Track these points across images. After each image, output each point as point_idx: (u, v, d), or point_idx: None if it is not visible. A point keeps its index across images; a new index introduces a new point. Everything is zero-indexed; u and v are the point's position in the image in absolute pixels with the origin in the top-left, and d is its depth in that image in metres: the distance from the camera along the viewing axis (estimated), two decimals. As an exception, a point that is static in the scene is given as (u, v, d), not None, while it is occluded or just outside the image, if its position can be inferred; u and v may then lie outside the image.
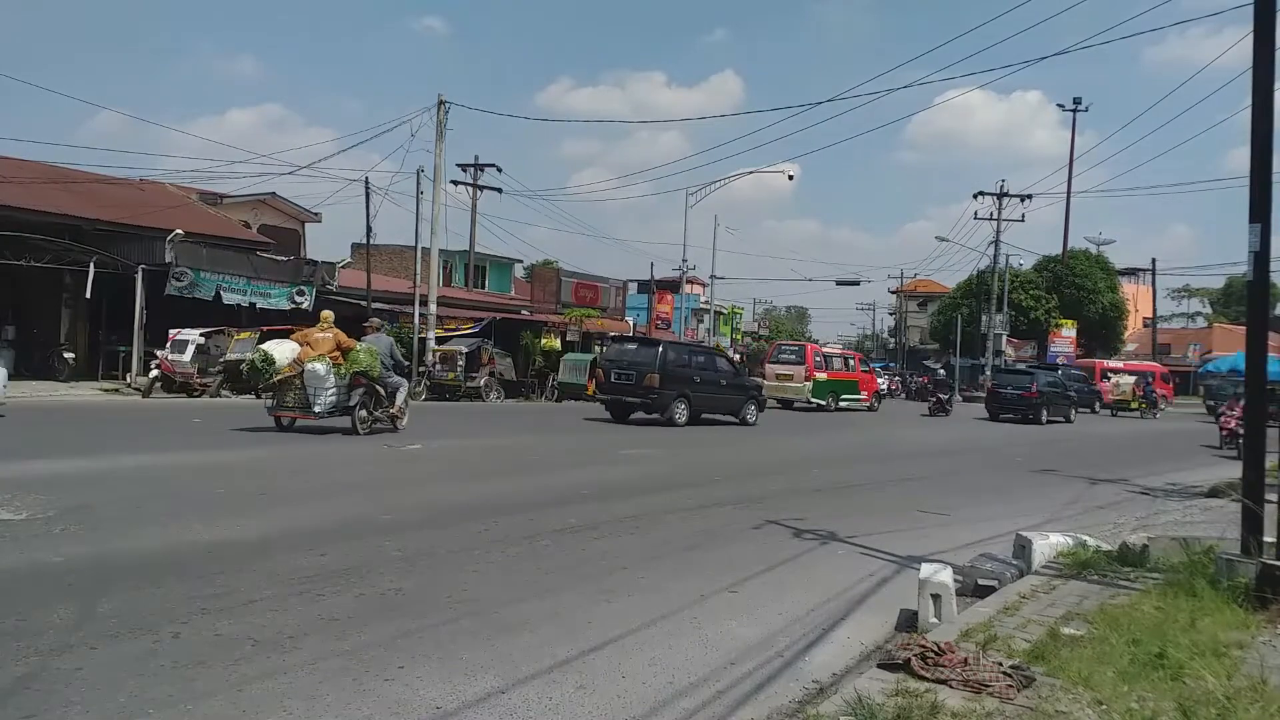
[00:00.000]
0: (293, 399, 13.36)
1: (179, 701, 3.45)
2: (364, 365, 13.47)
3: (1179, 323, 78.71)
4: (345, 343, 13.54)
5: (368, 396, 13.66)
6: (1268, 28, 5.46)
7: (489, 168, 37.92)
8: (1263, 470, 5.45)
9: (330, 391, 13.29)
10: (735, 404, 20.72)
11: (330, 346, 13.36)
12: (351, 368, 13.46)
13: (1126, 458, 16.60)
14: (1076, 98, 46.77)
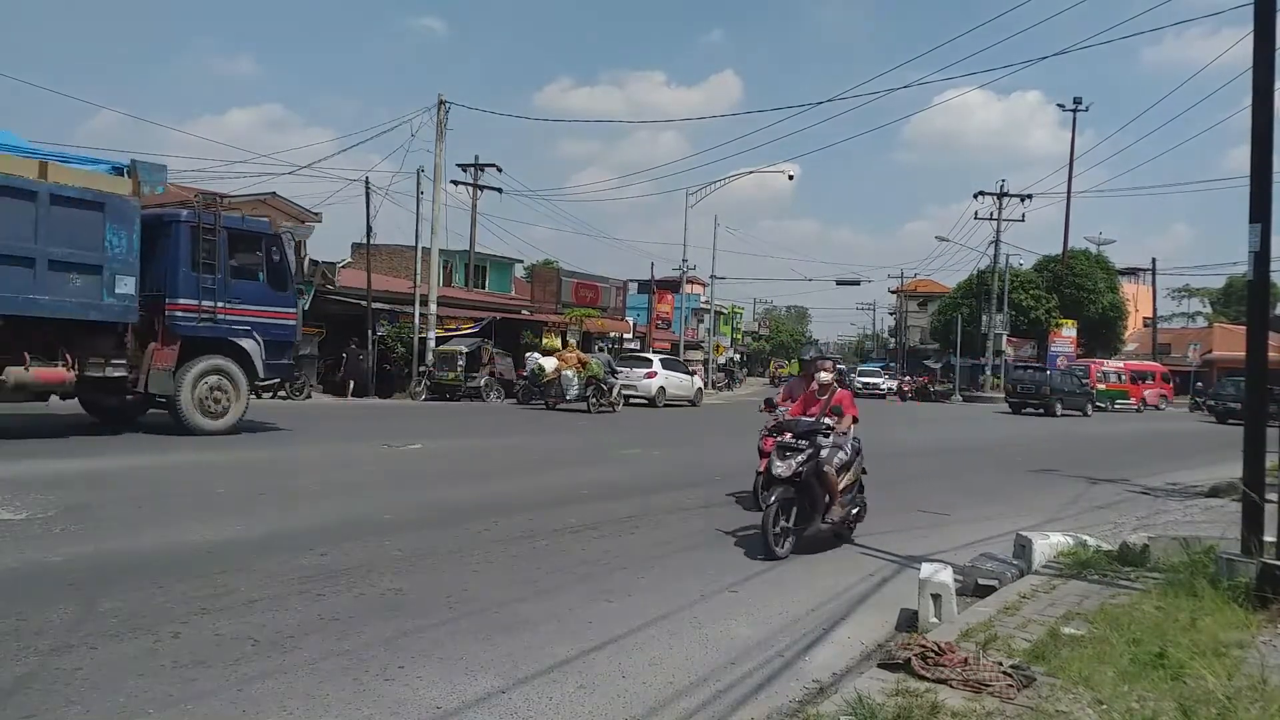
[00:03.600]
0: (555, 391, 22.14)
1: (179, 701, 3.45)
2: (594, 371, 22.31)
3: (1179, 322, 78.64)
4: (583, 358, 22.80)
5: (595, 391, 22.17)
6: (1268, 27, 5.46)
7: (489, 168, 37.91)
8: (1263, 470, 5.45)
9: (575, 387, 21.99)
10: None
11: (574, 360, 22.36)
12: (587, 373, 22.15)
13: (1126, 457, 16.59)
14: (1076, 98, 46.67)
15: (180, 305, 12.04)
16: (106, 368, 11.50)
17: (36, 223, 10.41)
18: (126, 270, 11.22)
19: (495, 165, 37.71)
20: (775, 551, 6.34)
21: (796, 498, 6.50)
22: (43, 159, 10.95)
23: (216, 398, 12.45)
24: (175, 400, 12.10)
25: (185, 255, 12.08)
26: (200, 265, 12.14)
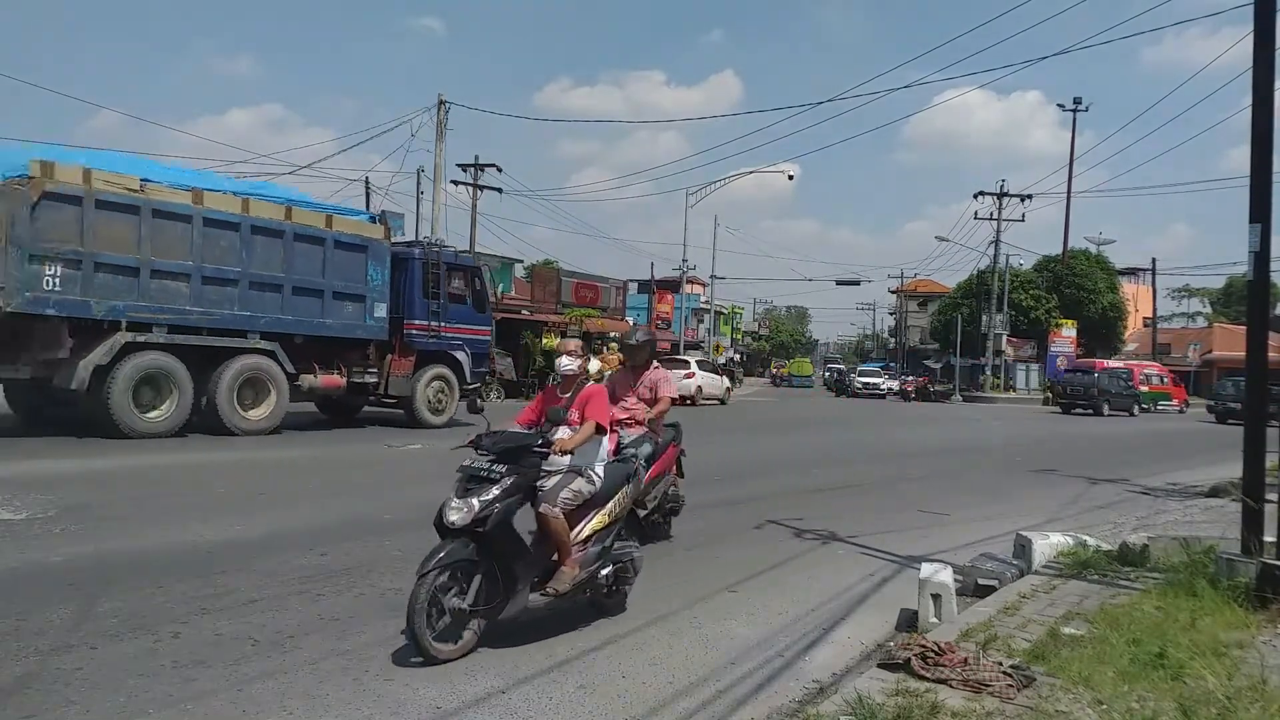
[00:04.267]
0: None
1: (179, 701, 3.45)
2: None
3: (1179, 322, 78.63)
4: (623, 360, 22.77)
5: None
6: (1268, 28, 5.45)
7: (489, 168, 37.87)
8: (1263, 470, 5.45)
9: None
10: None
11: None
12: None
13: (1126, 457, 16.58)
14: (1077, 98, 46.64)
15: (415, 325, 14.95)
16: (365, 375, 14.35)
17: (324, 263, 13.40)
18: (381, 299, 14.20)
19: (495, 165, 37.66)
20: (432, 649, 3.94)
21: (481, 560, 4.15)
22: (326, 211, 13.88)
23: (440, 399, 15.47)
24: (411, 400, 14.98)
25: (418, 285, 15.00)
26: (428, 293, 15.09)
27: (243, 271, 12.41)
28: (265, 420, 12.84)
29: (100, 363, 11.14)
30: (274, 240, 12.83)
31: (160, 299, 11.67)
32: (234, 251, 12.35)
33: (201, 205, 12.02)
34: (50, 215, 10.64)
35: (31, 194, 10.45)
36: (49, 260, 10.64)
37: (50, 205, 10.61)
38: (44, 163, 10.81)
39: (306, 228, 13.18)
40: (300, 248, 13.08)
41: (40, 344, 11.11)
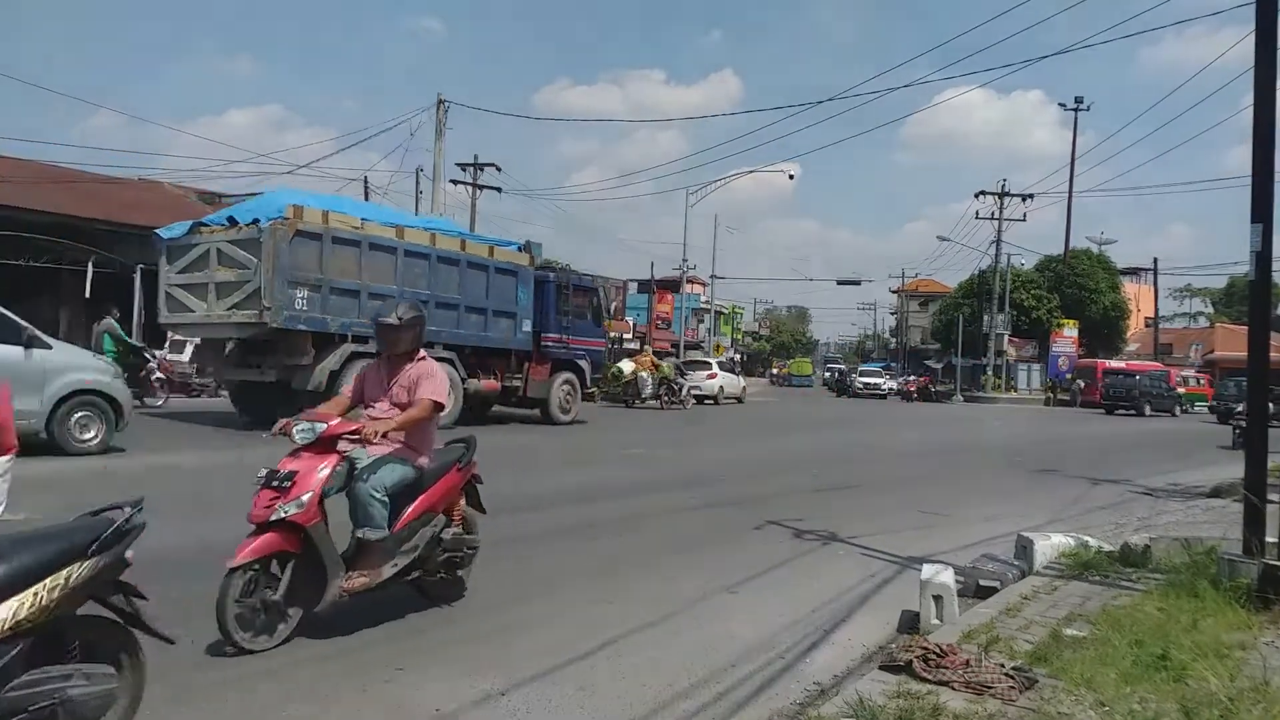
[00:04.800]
0: (632, 391, 25.21)
1: (179, 701, 3.44)
2: (666, 373, 26.15)
3: (1181, 322, 78.60)
4: (655, 361, 26.88)
5: (667, 390, 25.72)
6: (1269, 27, 5.44)
7: (489, 167, 37.88)
8: (1265, 470, 5.43)
9: (649, 387, 25.39)
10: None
11: (649, 363, 26.07)
12: (660, 374, 25.88)
13: (1128, 458, 16.57)
14: (1078, 97, 46.63)
15: (550, 338, 17.46)
16: (512, 380, 16.78)
17: (487, 287, 15.87)
18: (526, 316, 16.74)
19: (495, 164, 37.68)
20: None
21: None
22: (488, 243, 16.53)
23: (568, 400, 18.07)
24: (546, 402, 17.49)
25: (553, 303, 17.48)
26: (560, 310, 17.61)
27: (431, 294, 14.63)
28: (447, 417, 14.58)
29: (333, 368, 13.28)
30: (452, 268, 15.27)
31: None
32: (424, 277, 14.75)
33: (403, 239, 14.51)
34: (300, 250, 13.00)
35: (289, 232, 12.79)
36: (300, 285, 13.02)
37: (300, 241, 12.99)
38: (296, 206, 13.19)
39: (476, 257, 15.78)
40: (471, 274, 15.59)
41: (286, 352, 13.35)
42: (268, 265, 12.59)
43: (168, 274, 14.05)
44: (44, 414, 9.69)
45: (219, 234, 13.43)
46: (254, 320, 12.84)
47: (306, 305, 13.10)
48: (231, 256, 13.11)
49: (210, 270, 13.31)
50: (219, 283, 13.22)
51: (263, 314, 12.66)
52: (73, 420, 9.97)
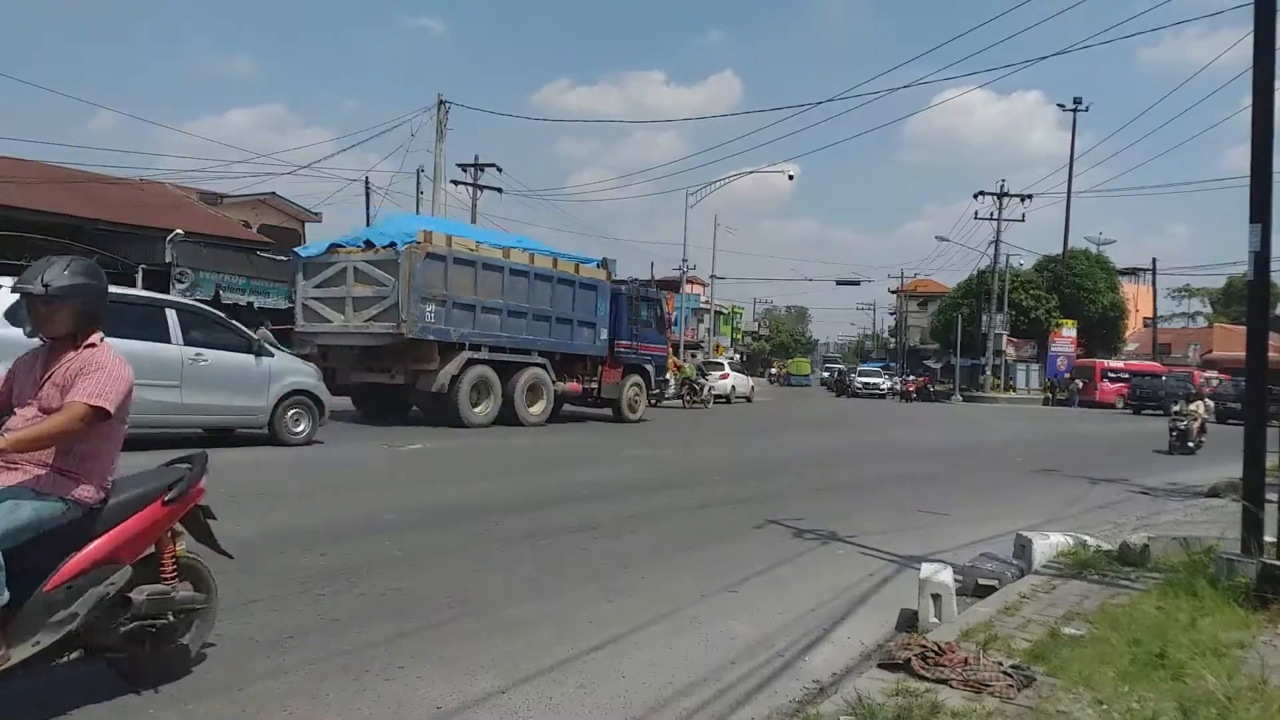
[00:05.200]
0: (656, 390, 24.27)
1: (179, 701, 3.45)
2: (688, 374, 27.88)
3: (1179, 323, 78.64)
4: (677, 362, 27.69)
5: (689, 390, 27.25)
6: (1268, 27, 5.46)
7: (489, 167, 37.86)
8: (1263, 470, 5.45)
9: (672, 387, 26.45)
10: None
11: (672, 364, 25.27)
12: (682, 375, 27.33)
13: (1126, 457, 16.59)
14: (1077, 97, 46.73)
15: (622, 344, 19.32)
16: (590, 382, 18.76)
17: (573, 300, 17.77)
18: (604, 325, 18.72)
19: (495, 165, 37.67)
20: None
21: None
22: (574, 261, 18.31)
23: (636, 401, 20.00)
24: (618, 402, 19.33)
25: (624, 313, 19.38)
26: (630, 320, 19.51)
27: (529, 307, 16.71)
28: (541, 415, 17.00)
29: (453, 373, 15.18)
30: (547, 284, 17.19)
31: (485, 327, 15.92)
32: (525, 292, 16.69)
33: (508, 259, 16.46)
34: (429, 269, 14.82)
35: (421, 254, 14.62)
36: (429, 300, 14.80)
37: (429, 262, 14.83)
38: (425, 231, 15.24)
39: (566, 274, 17.65)
40: (560, 289, 17.49)
41: (413, 359, 15.13)
42: (404, 283, 14.41)
43: (304, 288, 15.78)
44: (268, 410, 11.44)
45: (356, 254, 15.29)
46: (391, 331, 14.61)
47: (434, 318, 14.93)
48: (368, 274, 14.93)
49: (348, 286, 15.12)
50: (356, 297, 15.02)
51: (400, 325, 14.45)
52: (288, 416, 11.73)
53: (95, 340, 3.44)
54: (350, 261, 15.18)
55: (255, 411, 11.36)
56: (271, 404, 11.42)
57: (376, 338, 14.97)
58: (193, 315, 11.00)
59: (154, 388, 9.94)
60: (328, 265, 15.55)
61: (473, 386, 15.64)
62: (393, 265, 14.57)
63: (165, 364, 10.28)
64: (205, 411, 10.98)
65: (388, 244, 14.83)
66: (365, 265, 15.01)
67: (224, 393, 10.98)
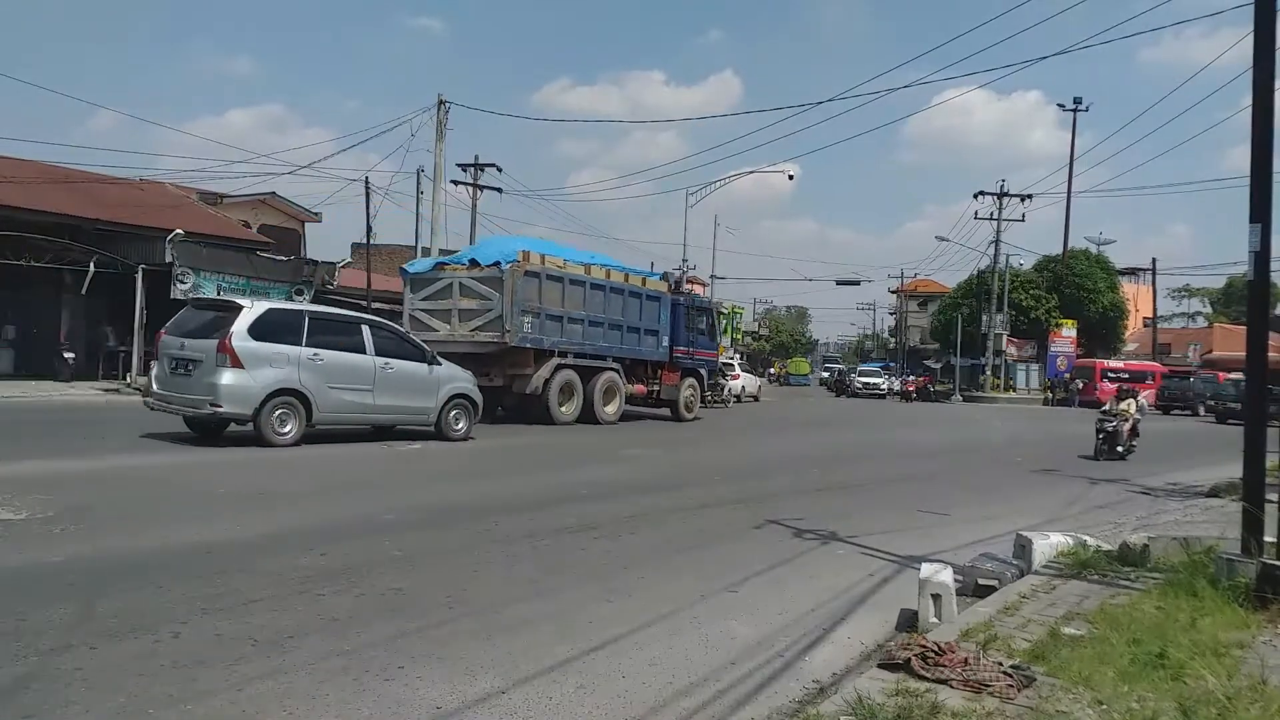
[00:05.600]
0: None
1: (179, 701, 3.45)
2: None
3: (1179, 323, 78.67)
4: None
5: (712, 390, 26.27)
6: (1268, 27, 5.45)
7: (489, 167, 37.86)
8: (1263, 470, 5.45)
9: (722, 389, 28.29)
10: None
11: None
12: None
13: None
14: (1077, 97, 46.76)
15: (680, 350, 20.99)
16: (652, 385, 20.51)
17: (641, 310, 19.68)
18: (665, 333, 20.52)
19: (495, 165, 37.67)
20: None
21: None
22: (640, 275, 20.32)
23: (692, 401, 21.58)
24: (676, 403, 20.90)
25: (681, 322, 21.13)
26: (687, 328, 21.27)
27: (606, 317, 18.61)
28: (614, 414, 18.86)
29: (545, 377, 16.96)
30: (619, 296, 19.07)
31: (570, 336, 17.67)
32: (601, 304, 18.52)
33: (589, 275, 18.31)
34: (527, 285, 16.61)
35: (521, 272, 16.45)
36: (527, 313, 16.57)
37: (527, 279, 16.63)
38: (524, 251, 16.89)
39: (635, 287, 19.63)
40: (630, 300, 19.36)
41: (512, 364, 16.95)
42: (507, 298, 16.28)
43: (412, 301, 17.52)
44: (436, 411, 13.24)
45: (462, 271, 17.23)
46: (496, 340, 16.50)
47: (530, 328, 16.69)
48: (473, 289, 16.78)
49: (454, 300, 16.96)
50: (461, 309, 16.85)
51: (504, 335, 16.32)
52: (450, 415, 13.47)
53: None
54: (456, 278, 17.07)
55: (427, 411, 13.11)
56: (439, 405, 13.24)
57: (482, 346, 16.67)
58: (382, 330, 12.84)
59: (354, 391, 12.07)
60: (434, 281, 17.42)
61: (560, 389, 17.38)
62: (497, 282, 16.42)
63: (363, 371, 12.21)
64: (390, 411, 12.74)
65: (492, 263, 16.69)
66: (470, 281, 16.87)
67: (405, 395, 12.80)
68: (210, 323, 11.41)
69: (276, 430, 11.29)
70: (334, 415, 11.98)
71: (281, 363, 11.32)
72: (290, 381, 11.35)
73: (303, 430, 11.53)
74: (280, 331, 11.41)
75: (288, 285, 26.02)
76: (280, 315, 11.74)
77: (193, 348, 11.21)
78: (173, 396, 11.40)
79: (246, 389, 10.97)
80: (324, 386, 11.69)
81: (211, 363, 10.94)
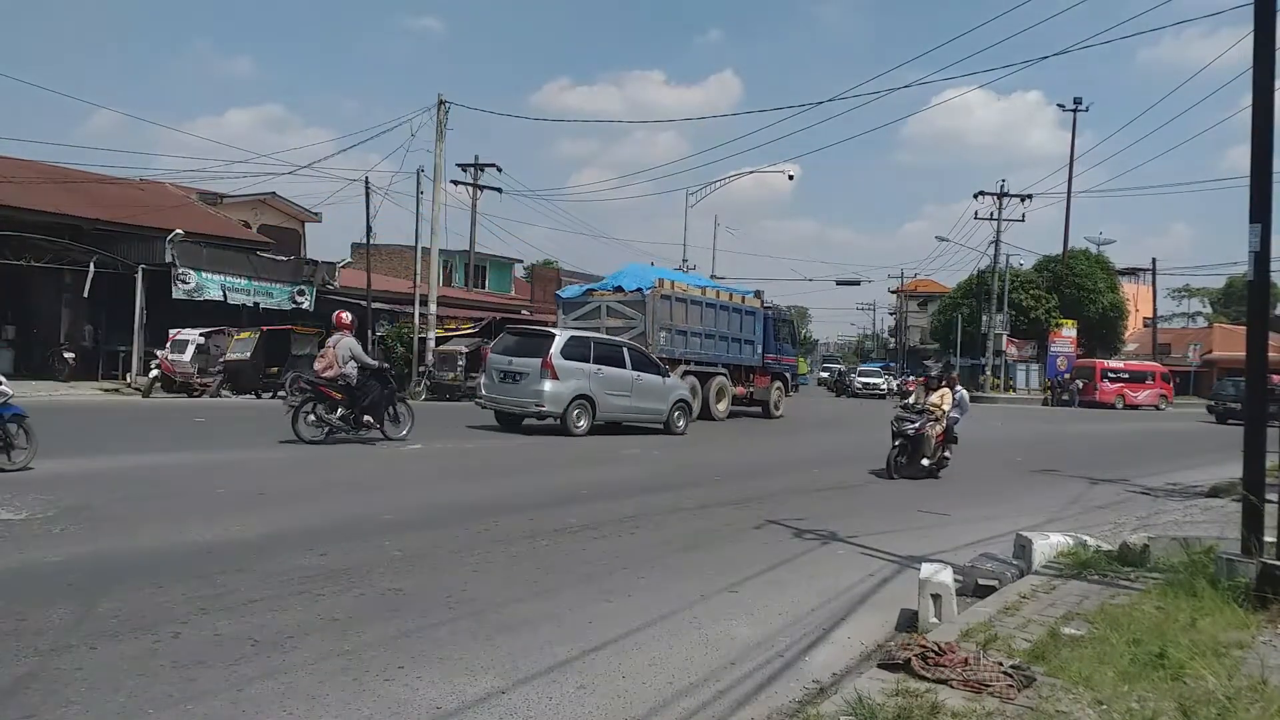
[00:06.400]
0: None
1: (179, 701, 3.45)
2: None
3: (1179, 323, 78.69)
4: None
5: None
6: (1268, 27, 5.45)
7: (489, 167, 37.90)
8: (1263, 470, 5.44)
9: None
10: None
11: None
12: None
13: (1126, 458, 16.59)
14: (1076, 98, 46.69)
15: (770, 357, 23.76)
16: (749, 388, 22.99)
17: (740, 323, 22.64)
18: (758, 342, 23.23)
19: (495, 165, 37.71)
20: None
21: None
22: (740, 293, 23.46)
23: (779, 402, 24.13)
24: (767, 402, 23.43)
25: (770, 332, 23.88)
26: (774, 336, 24.04)
27: (716, 331, 21.60)
28: (724, 412, 21.53)
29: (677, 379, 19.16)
30: (725, 313, 22.10)
31: (692, 347, 20.77)
32: (713, 320, 21.59)
33: (704, 296, 21.62)
34: (663, 307, 19.92)
35: (658, 296, 19.89)
36: (663, 329, 19.81)
37: (663, 301, 19.99)
38: (660, 279, 20.64)
39: (737, 304, 22.69)
40: (734, 316, 22.37)
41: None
42: (649, 318, 19.61)
43: (564, 320, 20.80)
44: (667, 412, 16.70)
45: (609, 296, 20.61)
46: None
47: (665, 341, 19.76)
48: (619, 311, 20.06)
49: (602, 319, 20.05)
50: (609, 327, 19.45)
51: (646, 348, 18.31)
52: (675, 415, 16.91)
53: None
54: (604, 301, 20.49)
55: (662, 413, 16.63)
56: (669, 408, 16.71)
57: None
58: (635, 351, 16.69)
59: (620, 396, 15.81)
60: (585, 304, 20.92)
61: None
62: (640, 304, 19.81)
63: (625, 382, 15.90)
64: (640, 412, 16.37)
65: (635, 289, 20.20)
66: (616, 304, 20.21)
67: (649, 400, 16.41)
68: (532, 346, 15.22)
69: (575, 424, 14.94)
70: (608, 415, 15.64)
71: (579, 376, 15.06)
72: (585, 389, 15.12)
73: (591, 424, 15.19)
74: (577, 352, 15.16)
75: (289, 285, 26.03)
76: (577, 340, 15.70)
77: (519, 364, 14.94)
78: (502, 399, 15.37)
79: (560, 394, 14.73)
80: (603, 393, 15.42)
81: (536, 375, 14.70)
